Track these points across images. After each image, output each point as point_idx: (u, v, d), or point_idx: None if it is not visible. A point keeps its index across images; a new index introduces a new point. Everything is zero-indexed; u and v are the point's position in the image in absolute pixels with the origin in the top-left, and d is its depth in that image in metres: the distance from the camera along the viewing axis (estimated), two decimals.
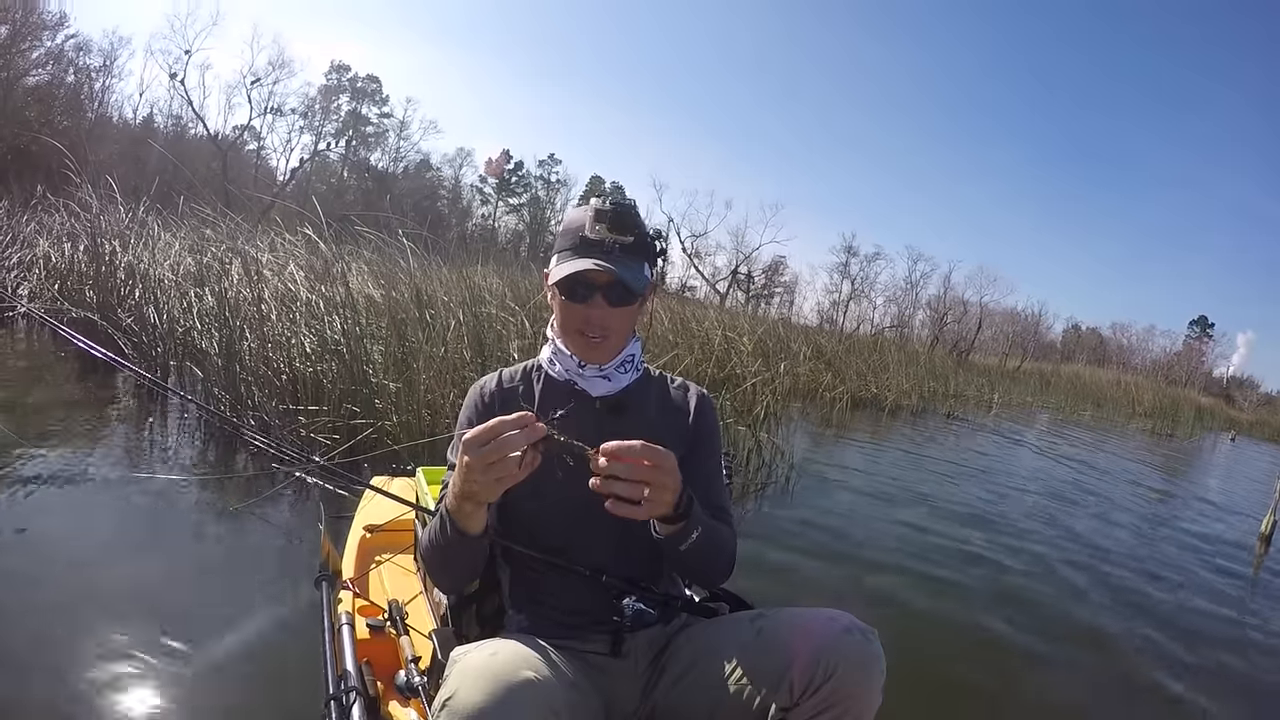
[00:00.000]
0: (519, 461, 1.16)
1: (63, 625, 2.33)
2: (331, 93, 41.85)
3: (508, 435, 1.16)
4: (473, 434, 1.17)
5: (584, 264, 1.40)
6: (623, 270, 1.41)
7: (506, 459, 1.15)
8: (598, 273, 1.40)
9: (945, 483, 6.91)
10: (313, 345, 4.77)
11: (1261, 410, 39.56)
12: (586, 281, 1.43)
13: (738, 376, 6.68)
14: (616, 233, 1.41)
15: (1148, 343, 50.77)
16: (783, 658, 1.24)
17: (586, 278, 1.42)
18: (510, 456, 1.15)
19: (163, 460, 4.18)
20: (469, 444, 1.17)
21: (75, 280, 6.90)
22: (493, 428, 1.16)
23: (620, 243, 1.41)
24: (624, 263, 1.42)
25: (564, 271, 1.42)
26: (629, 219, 1.43)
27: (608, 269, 1.39)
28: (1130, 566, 4.96)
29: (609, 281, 1.43)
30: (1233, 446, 20.70)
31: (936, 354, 23.82)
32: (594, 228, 1.41)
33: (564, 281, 1.44)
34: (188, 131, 35.60)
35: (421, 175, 44.87)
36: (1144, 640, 3.64)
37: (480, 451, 1.15)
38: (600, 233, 1.41)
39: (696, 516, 1.31)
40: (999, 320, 43.88)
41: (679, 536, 1.30)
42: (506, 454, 1.15)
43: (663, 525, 1.30)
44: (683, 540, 1.31)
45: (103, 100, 32.85)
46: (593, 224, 1.42)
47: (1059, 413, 19.69)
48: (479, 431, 1.16)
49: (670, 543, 1.33)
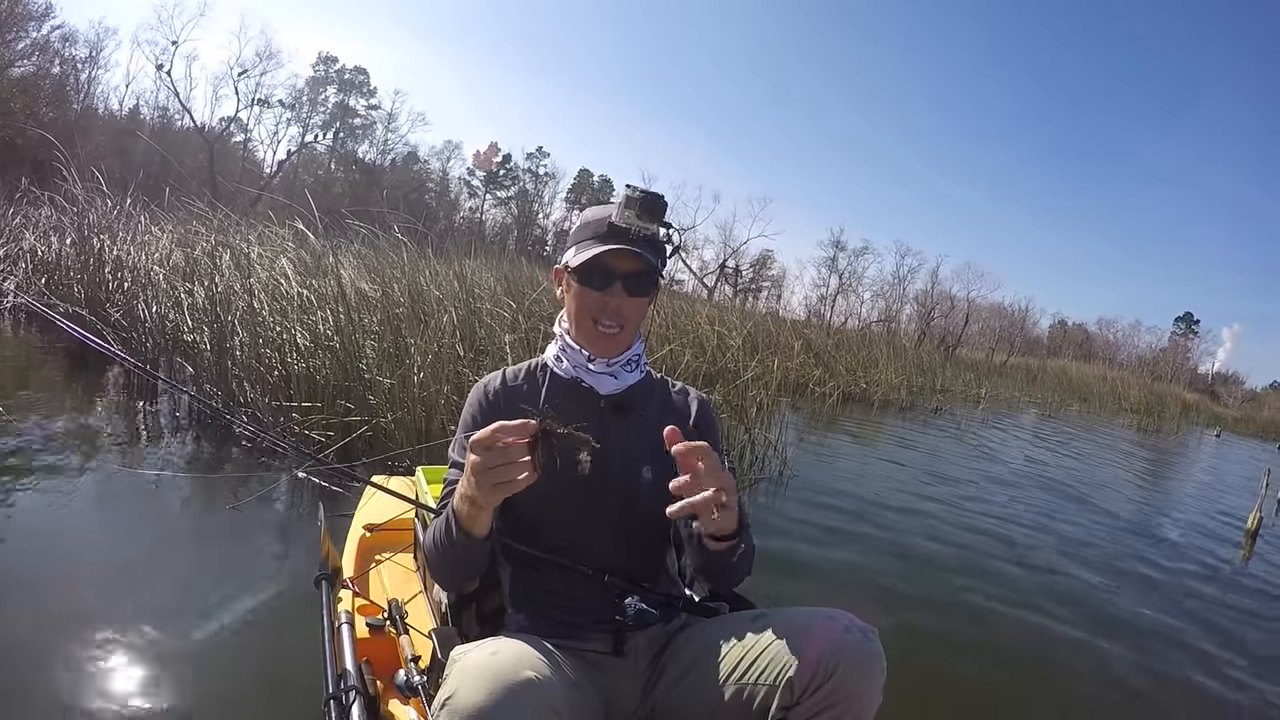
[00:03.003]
0: (519, 471, 1.15)
1: (60, 625, 2.32)
2: (319, 84, 41.62)
3: (508, 444, 1.15)
4: (476, 438, 1.16)
5: (608, 247, 1.40)
6: (646, 258, 1.41)
7: (507, 466, 1.15)
8: (622, 257, 1.41)
9: (935, 477, 6.94)
10: (305, 341, 4.74)
11: (1246, 406, 40.09)
12: (608, 268, 1.43)
13: (730, 371, 6.69)
14: (645, 221, 1.41)
15: (1134, 338, 51.39)
16: (783, 657, 1.25)
17: (609, 264, 1.42)
18: (511, 464, 1.15)
19: (155, 457, 4.15)
20: (474, 445, 1.17)
21: (63, 274, 6.82)
22: (494, 434, 1.16)
23: (646, 232, 1.42)
24: (647, 252, 1.42)
25: (586, 254, 1.42)
26: (658, 210, 1.42)
27: (634, 253, 1.40)
28: (1119, 563, 5.00)
29: (631, 270, 1.43)
30: (1218, 442, 20.89)
31: (924, 349, 23.89)
32: (623, 214, 1.41)
33: (584, 266, 1.43)
34: (174, 123, 35.43)
35: (409, 168, 44.68)
36: (1137, 637, 3.68)
37: (484, 455, 1.16)
38: (629, 219, 1.41)
39: (747, 532, 1.34)
40: (986, 315, 44.22)
41: (731, 550, 1.33)
42: (507, 463, 1.15)
43: (719, 541, 1.31)
44: (735, 553, 1.33)
45: (89, 92, 32.71)
46: (622, 211, 1.41)
47: (1046, 408, 19.82)
48: (481, 436, 1.16)
49: (722, 557, 1.34)
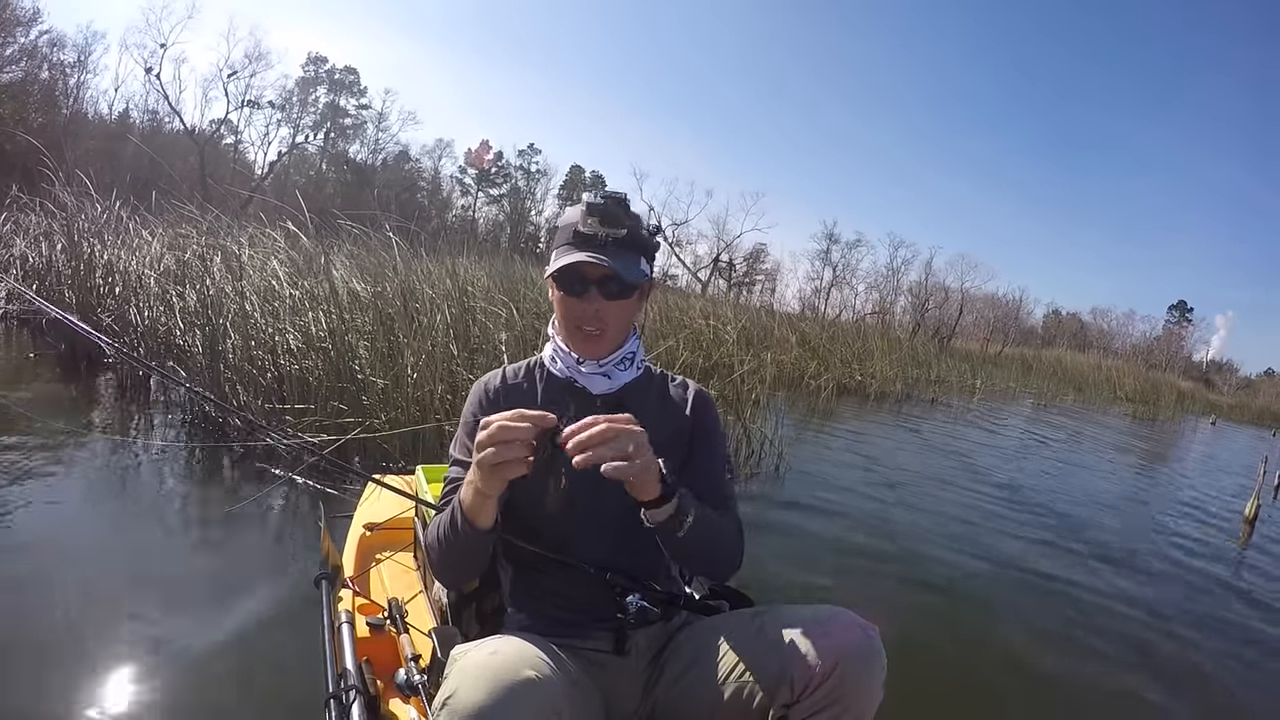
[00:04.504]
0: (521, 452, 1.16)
1: (58, 627, 2.31)
2: (309, 84, 41.39)
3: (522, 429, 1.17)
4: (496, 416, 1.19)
5: (577, 257, 1.40)
6: (617, 263, 1.40)
7: (509, 445, 1.16)
8: (591, 266, 1.41)
9: (933, 468, 6.96)
10: (297, 342, 4.72)
11: (1241, 394, 40.29)
12: (581, 275, 1.43)
13: (725, 366, 6.69)
14: (609, 226, 1.41)
15: (1128, 327, 51.44)
16: (784, 655, 1.24)
17: (580, 271, 1.42)
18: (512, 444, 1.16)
19: (150, 459, 4.13)
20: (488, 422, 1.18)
21: (54, 280, 6.79)
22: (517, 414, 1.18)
23: (613, 236, 1.41)
24: (618, 256, 1.41)
25: (559, 264, 1.42)
26: (621, 212, 1.42)
27: (601, 262, 1.39)
28: (1120, 552, 5.02)
29: (603, 275, 1.42)
30: (1213, 430, 20.99)
31: (919, 340, 23.94)
32: (586, 221, 1.41)
33: (559, 276, 1.43)
34: (164, 126, 35.24)
35: (400, 167, 44.51)
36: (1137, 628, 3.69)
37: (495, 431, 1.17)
38: (593, 226, 1.41)
39: (688, 502, 1.31)
40: (980, 306, 44.28)
41: (673, 523, 1.30)
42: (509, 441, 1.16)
43: (652, 510, 1.29)
44: (678, 526, 1.30)
45: (78, 96, 32.45)
46: (585, 218, 1.42)
47: (1042, 398, 19.88)
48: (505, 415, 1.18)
49: (665, 531, 1.31)
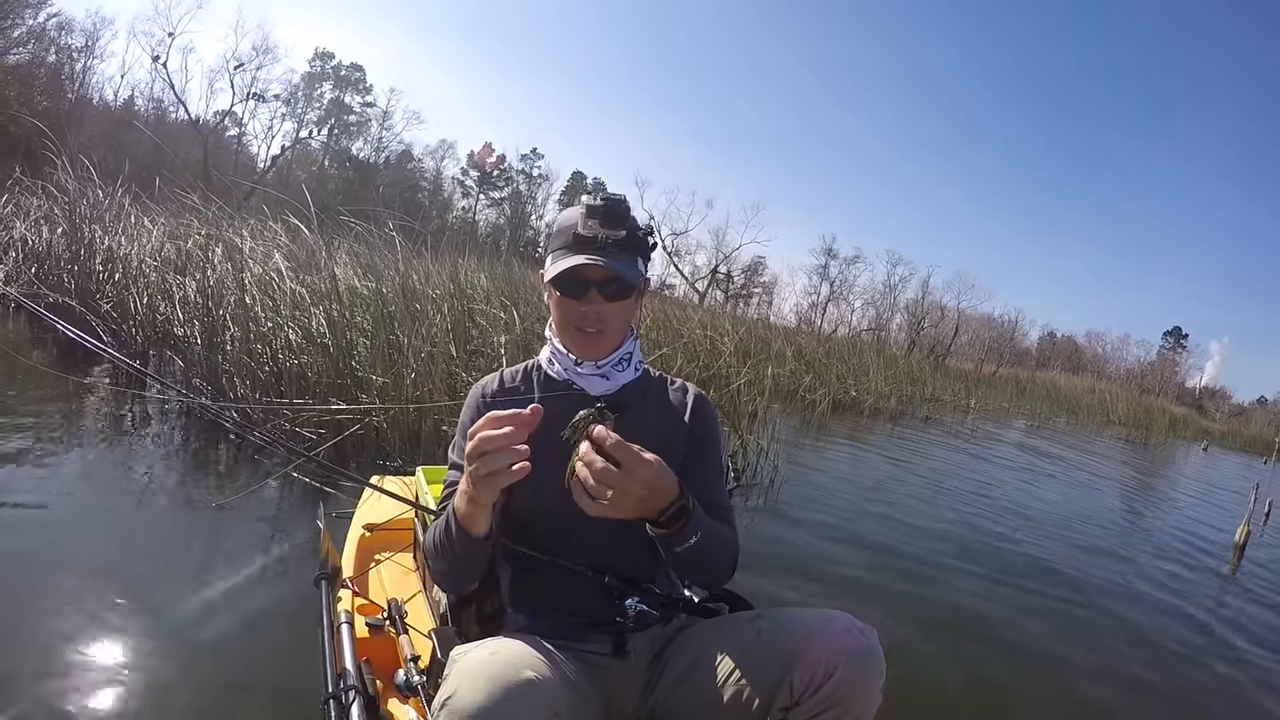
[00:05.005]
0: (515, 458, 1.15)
1: (55, 627, 2.28)
2: (315, 80, 41.45)
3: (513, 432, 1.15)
4: (489, 416, 1.18)
5: (578, 259, 1.41)
6: (617, 265, 1.42)
7: (500, 453, 1.15)
8: (592, 268, 1.42)
9: (927, 484, 6.97)
10: (297, 337, 4.71)
11: (1233, 421, 40.40)
12: (581, 278, 1.44)
13: (721, 377, 6.69)
14: (609, 228, 1.43)
15: (1122, 351, 51.64)
16: (783, 658, 1.25)
17: (581, 273, 1.43)
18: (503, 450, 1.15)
19: (146, 453, 4.11)
20: (478, 428, 1.17)
21: (53, 264, 6.78)
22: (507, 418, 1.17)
23: (613, 238, 1.43)
24: (618, 257, 1.43)
25: (559, 268, 1.43)
26: (621, 214, 1.44)
27: (603, 264, 1.41)
28: (1109, 572, 5.02)
29: (604, 277, 1.44)
30: (1205, 456, 21.05)
31: (914, 358, 23.99)
32: (586, 224, 1.43)
33: (559, 278, 1.44)
34: (169, 115, 35.24)
35: (403, 166, 44.52)
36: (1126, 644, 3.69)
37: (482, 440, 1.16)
38: (593, 228, 1.42)
39: (696, 522, 1.29)
40: (975, 326, 44.41)
41: (673, 539, 1.29)
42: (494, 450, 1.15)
43: (654, 528, 1.29)
44: (678, 543, 1.30)
45: (84, 81, 32.47)
46: (585, 220, 1.43)
47: (1035, 419, 19.91)
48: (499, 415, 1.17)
49: (664, 544, 1.32)
